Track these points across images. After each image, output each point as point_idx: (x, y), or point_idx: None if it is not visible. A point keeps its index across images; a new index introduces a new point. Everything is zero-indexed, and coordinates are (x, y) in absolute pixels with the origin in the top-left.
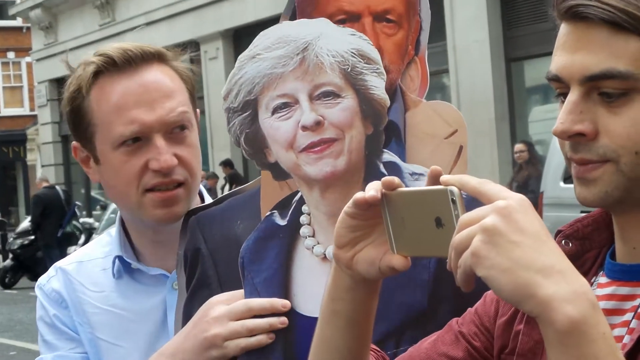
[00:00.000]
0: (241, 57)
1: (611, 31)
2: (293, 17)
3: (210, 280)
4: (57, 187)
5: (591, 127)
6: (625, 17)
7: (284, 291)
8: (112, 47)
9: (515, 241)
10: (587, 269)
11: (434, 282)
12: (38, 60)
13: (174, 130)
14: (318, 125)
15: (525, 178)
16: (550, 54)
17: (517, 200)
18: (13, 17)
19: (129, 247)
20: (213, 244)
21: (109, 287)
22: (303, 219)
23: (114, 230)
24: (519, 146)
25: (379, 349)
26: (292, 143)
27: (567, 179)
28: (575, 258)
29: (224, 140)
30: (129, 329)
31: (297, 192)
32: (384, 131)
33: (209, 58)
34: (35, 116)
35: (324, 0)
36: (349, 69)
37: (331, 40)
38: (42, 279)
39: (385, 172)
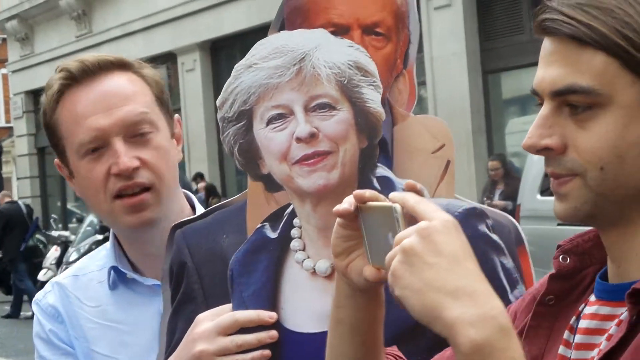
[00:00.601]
0: (237, 66)
1: (577, 46)
2: (282, 29)
3: (195, 295)
4: (20, 202)
5: (559, 141)
6: (589, 32)
7: (272, 304)
8: (72, 61)
9: (430, 262)
10: (586, 285)
11: None
12: (14, 71)
13: (136, 133)
14: (312, 137)
15: (508, 193)
16: (526, 66)
17: (442, 221)
18: None
19: (124, 258)
20: (199, 258)
21: (105, 301)
22: (294, 232)
23: (109, 244)
24: (493, 164)
25: (400, 355)
26: (285, 155)
27: (544, 191)
28: (574, 273)
29: (200, 152)
30: (125, 341)
31: (289, 204)
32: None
33: (186, 70)
34: (10, 128)
35: (313, 13)
36: (346, 81)
37: (329, 52)
38: (38, 295)
39: (379, 187)
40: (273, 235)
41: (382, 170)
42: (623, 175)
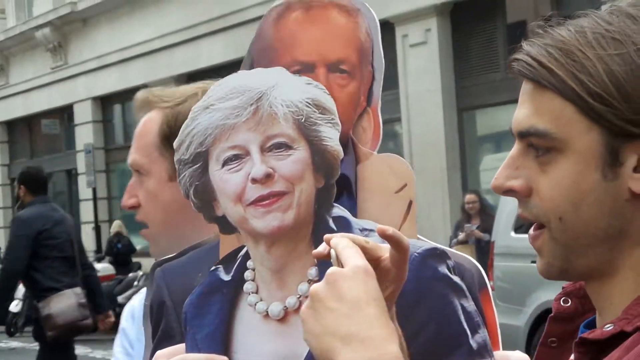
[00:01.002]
0: (195, 107)
1: (539, 88)
2: (251, 69)
3: (174, 332)
4: None
5: (524, 183)
6: (547, 75)
7: (225, 347)
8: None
9: (331, 307)
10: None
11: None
12: None
13: (137, 173)
14: (268, 177)
15: (482, 228)
16: (501, 103)
17: (352, 267)
18: None
19: None
20: (176, 297)
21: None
22: (247, 274)
23: None
24: (470, 197)
25: None
26: (240, 196)
27: (517, 228)
28: (576, 316)
29: None
30: None
31: (243, 246)
32: (335, 184)
33: None
34: None
35: (280, 52)
36: (303, 119)
37: (286, 90)
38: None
39: (335, 228)
40: (227, 277)
41: (338, 210)
42: (581, 225)
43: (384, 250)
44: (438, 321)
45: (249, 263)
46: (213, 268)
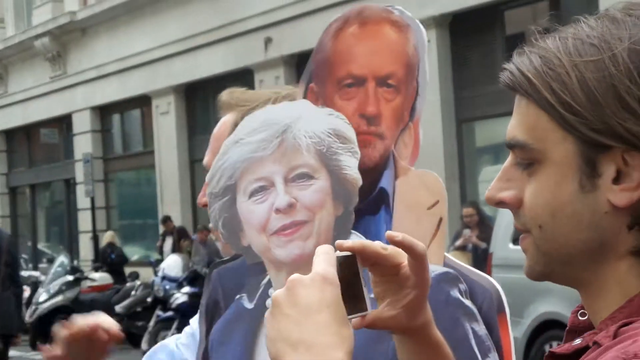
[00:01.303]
0: (226, 141)
1: (520, 98)
2: (310, 82)
3: None
4: None
5: (515, 195)
6: (524, 83)
7: None
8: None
9: (286, 313)
10: None
11: None
12: None
13: None
14: (291, 207)
15: (480, 239)
16: (500, 115)
17: (312, 274)
18: None
19: None
20: (229, 297)
21: None
22: (269, 302)
23: None
24: (467, 210)
25: None
26: (265, 226)
27: (515, 240)
28: (591, 329)
29: (173, 194)
30: None
31: (266, 275)
32: (375, 199)
33: (160, 112)
34: None
35: (336, 65)
36: (325, 149)
37: (309, 122)
38: None
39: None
40: (250, 305)
41: (355, 237)
42: (561, 236)
43: (404, 257)
44: (450, 345)
45: (271, 291)
46: (238, 297)
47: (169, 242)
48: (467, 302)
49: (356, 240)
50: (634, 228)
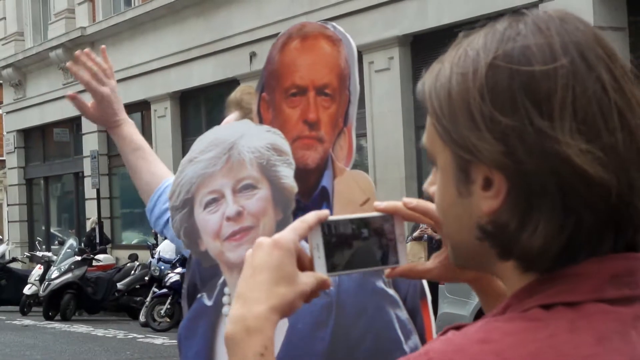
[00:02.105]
0: (183, 161)
1: None
2: (262, 91)
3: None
4: None
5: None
6: (423, 94)
7: None
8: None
9: (244, 271)
10: None
11: (328, 354)
12: (8, 112)
13: None
14: (239, 215)
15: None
16: None
17: (269, 239)
18: None
19: None
20: (205, 280)
21: None
22: (225, 299)
23: None
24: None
25: None
26: (218, 233)
27: None
28: None
29: None
30: None
31: (222, 275)
32: (318, 196)
33: (158, 116)
34: (3, 161)
35: (283, 76)
36: (265, 162)
37: (251, 139)
38: None
39: None
40: (209, 303)
41: None
42: (452, 234)
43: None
44: (377, 330)
45: (226, 289)
46: (199, 296)
47: None
48: (391, 292)
49: (391, 202)
50: (482, 241)
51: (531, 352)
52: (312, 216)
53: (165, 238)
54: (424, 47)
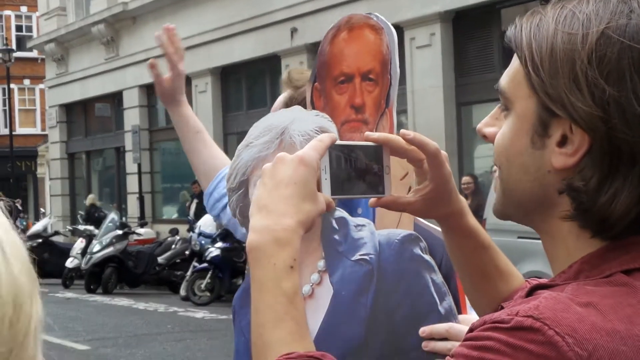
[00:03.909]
0: (239, 146)
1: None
2: (315, 81)
3: None
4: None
5: (494, 132)
6: (517, 38)
7: None
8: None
9: (265, 183)
10: None
11: (369, 319)
12: (50, 87)
13: None
14: None
15: (473, 207)
16: (495, 100)
17: (294, 155)
18: (30, 49)
19: None
20: None
21: None
22: None
23: None
24: (466, 179)
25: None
26: None
27: None
28: None
29: None
30: None
31: None
32: None
33: (199, 91)
34: (45, 135)
35: (332, 66)
36: None
37: (301, 123)
38: None
39: (336, 227)
40: None
41: (339, 212)
42: (512, 180)
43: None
44: (414, 294)
45: None
46: None
47: (194, 203)
48: (427, 257)
49: (382, 133)
50: (562, 193)
51: (629, 315)
52: (327, 137)
53: (219, 222)
54: (465, 23)
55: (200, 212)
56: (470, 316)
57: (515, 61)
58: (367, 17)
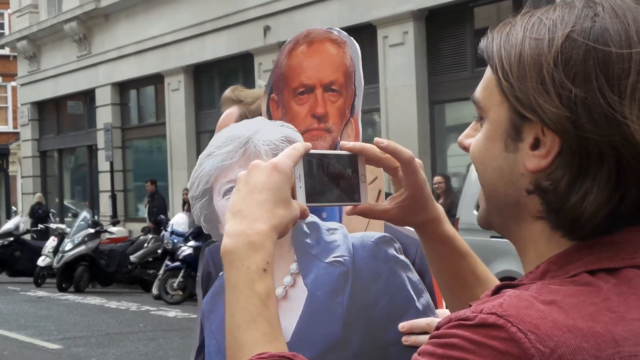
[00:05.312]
0: (201, 156)
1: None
2: (271, 92)
3: None
4: None
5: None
6: (489, 49)
7: None
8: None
9: (240, 189)
10: None
11: (346, 316)
12: (22, 85)
13: None
14: None
15: (446, 206)
16: (468, 98)
17: (268, 162)
18: (2, 47)
19: None
20: (219, 269)
21: None
22: None
23: None
24: (437, 178)
25: None
26: None
27: (478, 207)
28: None
29: (181, 161)
30: None
31: None
32: None
33: (171, 89)
34: (17, 133)
35: (290, 78)
36: (279, 153)
37: (266, 133)
38: None
39: (307, 230)
40: None
41: (310, 217)
42: (489, 184)
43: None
44: (391, 292)
45: None
46: (221, 273)
47: (148, 202)
48: (402, 257)
49: (357, 142)
50: (532, 193)
51: (591, 313)
52: (301, 145)
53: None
54: (438, 22)
55: (153, 210)
56: (447, 311)
57: (487, 71)
58: (328, 32)
